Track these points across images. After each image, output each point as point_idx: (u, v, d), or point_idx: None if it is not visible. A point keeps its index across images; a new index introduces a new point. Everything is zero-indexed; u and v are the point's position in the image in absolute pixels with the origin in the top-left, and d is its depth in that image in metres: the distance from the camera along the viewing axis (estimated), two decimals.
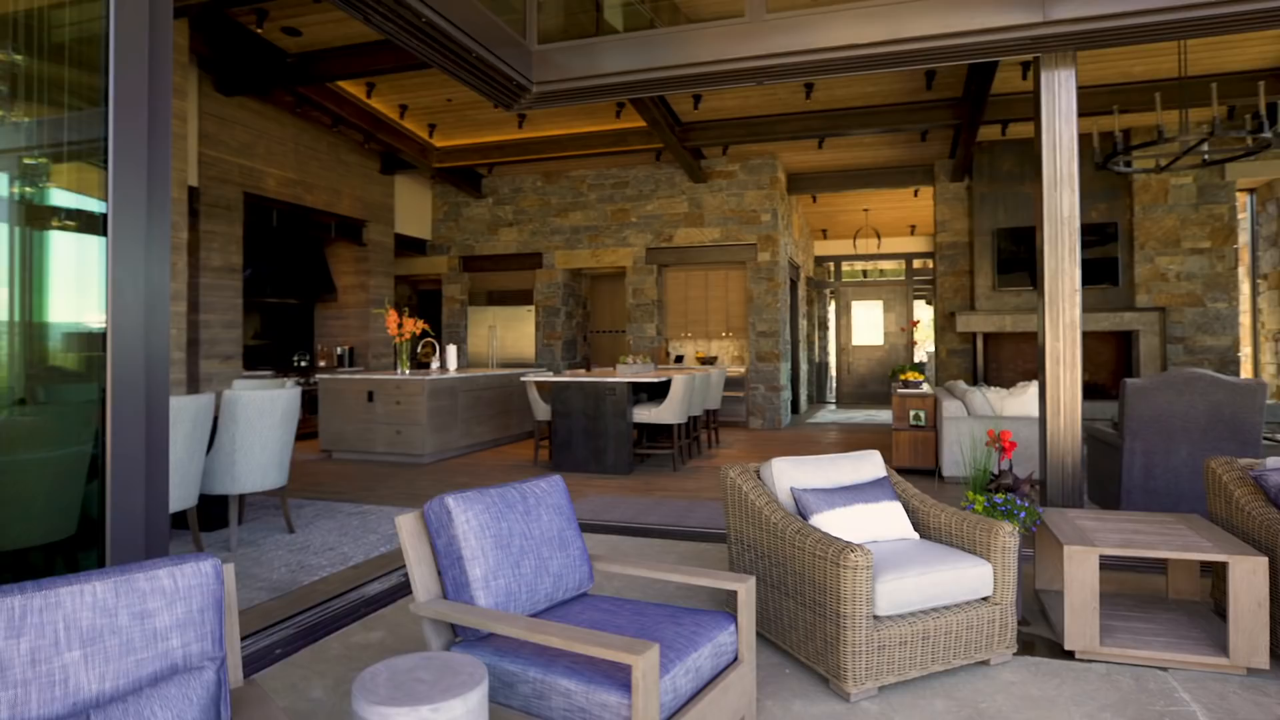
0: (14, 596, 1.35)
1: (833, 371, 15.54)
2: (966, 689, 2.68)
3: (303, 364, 10.70)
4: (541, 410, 7.70)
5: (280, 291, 9.89)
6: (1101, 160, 6.99)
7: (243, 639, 3.12)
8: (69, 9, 2.62)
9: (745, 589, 2.40)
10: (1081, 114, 7.99)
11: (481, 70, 4.56)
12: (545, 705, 2.00)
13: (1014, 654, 2.95)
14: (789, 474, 3.18)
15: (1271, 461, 3.16)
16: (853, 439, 9.54)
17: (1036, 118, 4.41)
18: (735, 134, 9.32)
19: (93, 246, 2.46)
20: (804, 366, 13.64)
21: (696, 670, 2.13)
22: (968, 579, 2.79)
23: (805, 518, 3.04)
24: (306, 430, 9.53)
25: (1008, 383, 10.10)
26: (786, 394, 11.19)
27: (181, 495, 4.04)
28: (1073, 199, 4.33)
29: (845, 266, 15.70)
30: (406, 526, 2.30)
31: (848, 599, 2.57)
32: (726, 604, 3.50)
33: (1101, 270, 9.44)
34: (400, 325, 8.21)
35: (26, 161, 2.70)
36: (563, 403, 7.41)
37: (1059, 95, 4.32)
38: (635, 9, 5.97)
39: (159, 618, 1.46)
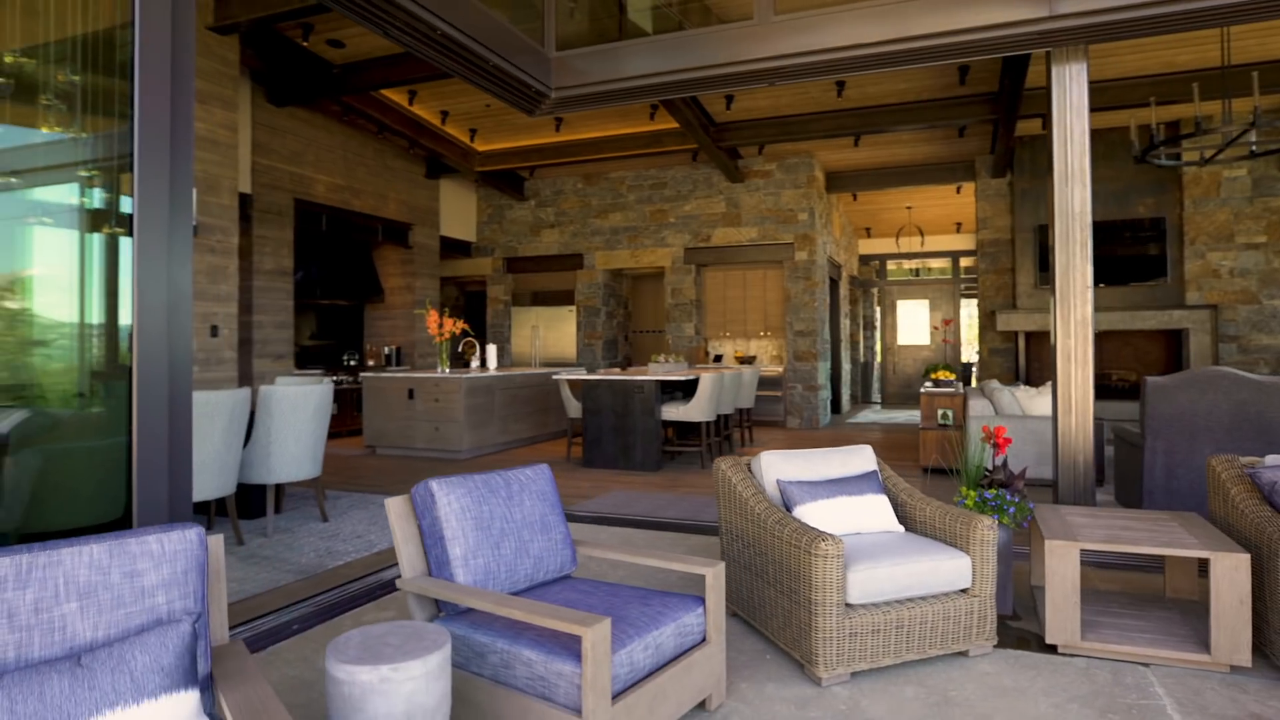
0: (22, 554, 1.57)
1: (877, 371, 15.36)
2: (940, 678, 2.74)
3: (352, 363, 11.16)
4: (573, 408, 7.89)
5: (329, 293, 10.34)
6: (1140, 153, 6.81)
7: (264, 615, 3.37)
8: (119, 31, 2.89)
9: (713, 574, 2.51)
10: (1121, 106, 7.81)
11: (500, 78, 4.76)
12: (511, 674, 2.16)
13: (995, 646, 2.98)
14: (777, 467, 3.27)
15: (1271, 459, 3.10)
16: (888, 438, 9.47)
17: (1048, 112, 4.37)
18: (768, 133, 9.36)
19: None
20: (846, 366, 13.54)
21: (657, 647, 2.26)
22: (945, 571, 2.84)
23: (789, 509, 3.13)
24: (352, 427, 9.96)
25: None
26: (825, 393, 11.15)
27: (220, 484, 4.34)
28: (1084, 194, 4.29)
29: (892, 265, 15.49)
30: (395, 508, 2.49)
31: (819, 586, 2.66)
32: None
33: (1149, 267, 9.14)
34: (440, 325, 8.52)
35: (81, 174, 3.01)
36: (593, 401, 7.58)
37: (1070, 89, 4.28)
38: (663, 11, 6.10)
39: (147, 577, 1.66)
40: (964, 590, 2.91)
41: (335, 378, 9.94)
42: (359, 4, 3.71)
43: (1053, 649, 2.96)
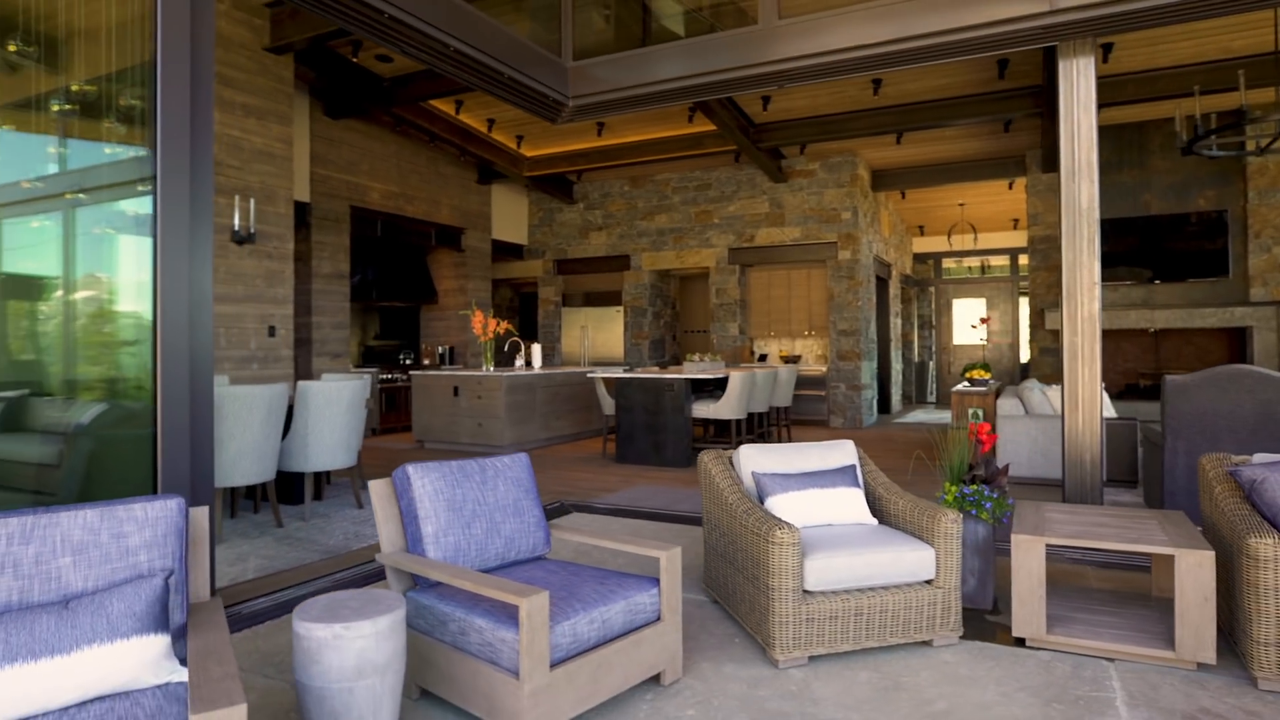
0: (28, 516, 1.86)
1: (932, 370, 15.05)
2: (897, 665, 2.81)
3: (407, 362, 11.67)
4: (608, 405, 8.11)
5: (384, 296, 10.86)
6: (1186, 145, 6.56)
7: (286, 588, 3.69)
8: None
9: (667, 557, 2.66)
10: (1175, 95, 7.52)
11: (516, 89, 5.01)
12: (466, 640, 2.36)
13: (961, 638, 3.02)
14: (754, 459, 3.39)
15: (1260, 457, 3.04)
16: (926, 438, 9.33)
17: (1054, 107, 4.33)
18: (807, 133, 9.36)
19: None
20: (898, 366, 13.34)
21: (604, 622, 2.43)
22: (907, 562, 2.91)
23: (762, 500, 3.24)
24: (405, 423, 10.43)
25: (1105, 384, 9.52)
26: (870, 393, 11.05)
27: (260, 470, 4.72)
28: (1091, 190, 4.23)
29: (950, 263, 15.14)
30: (377, 490, 2.74)
31: (775, 572, 2.78)
32: (704, 580, 3.73)
33: (1210, 262, 8.73)
34: (485, 325, 8.88)
35: (141, 189, 3.37)
36: (625, 398, 7.78)
37: (1077, 84, 4.23)
38: (695, 16, 6.23)
39: (131, 538, 1.94)
40: (928, 581, 2.97)
41: (388, 375, 10.43)
42: (376, 25, 4.00)
43: (1021, 642, 2.98)
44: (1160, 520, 3.13)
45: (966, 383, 7.32)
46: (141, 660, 1.75)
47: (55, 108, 3.32)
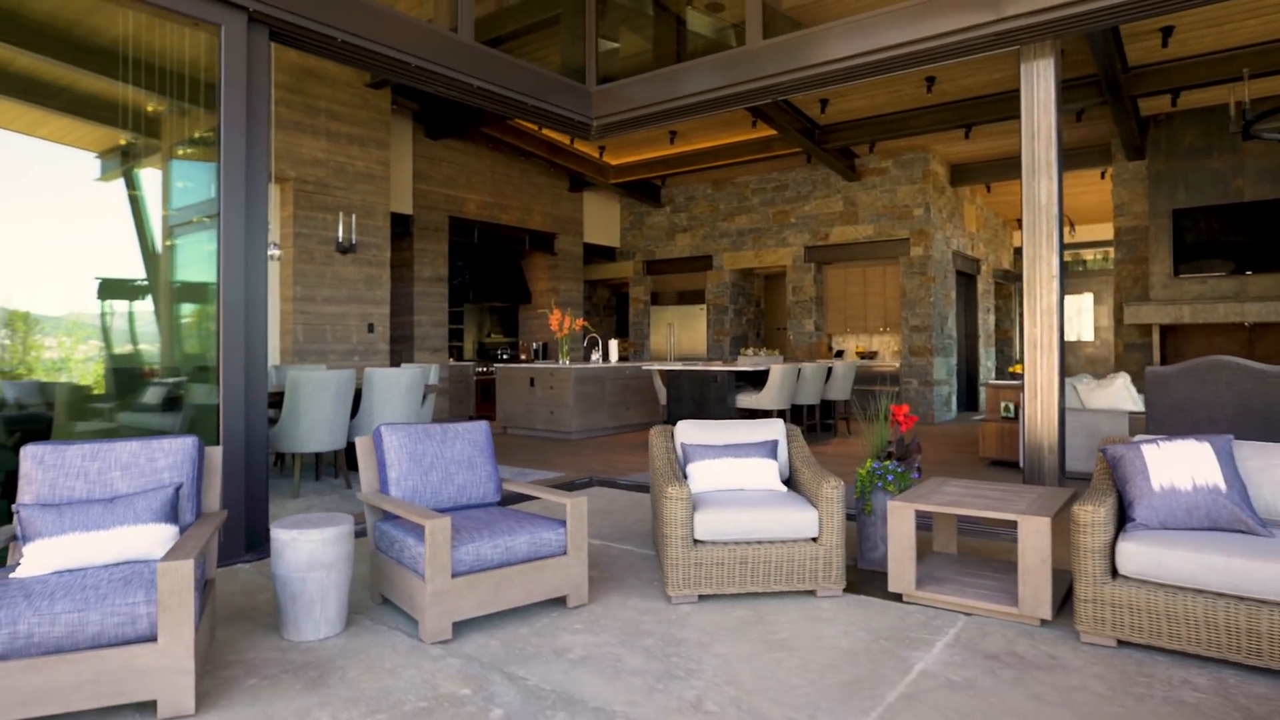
0: (97, 444, 2.79)
1: None
2: (773, 607, 3.29)
3: (505, 357, 12.81)
4: (663, 395, 8.73)
5: (480, 297, 12.03)
6: (1242, 130, 6.33)
7: None
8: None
9: (572, 504, 3.29)
10: (1220, 81, 7.19)
11: (542, 114, 5.76)
12: (403, 555, 3.11)
13: (845, 590, 3.44)
14: (686, 433, 3.93)
15: (1139, 437, 3.23)
16: (972, 430, 9.22)
17: (1020, 108, 4.52)
18: (870, 132, 9.54)
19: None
20: (989, 363, 13.01)
21: (508, 548, 3.10)
22: (790, 520, 3.37)
23: (684, 466, 3.79)
24: (488, 412, 11.52)
25: None
26: (946, 389, 10.96)
27: (331, 440, 5.75)
28: (1051, 187, 4.39)
29: (1067, 257, 14.48)
30: (362, 445, 3.55)
31: (669, 523, 3.33)
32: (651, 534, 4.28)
33: None
34: (561, 323, 9.75)
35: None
36: (676, 389, 8.37)
37: (1036, 86, 4.41)
38: (733, 30, 6.75)
39: (159, 461, 2.83)
40: (814, 539, 3.41)
41: (483, 369, 11.57)
42: (405, 73, 4.86)
43: (898, 598, 3.36)
44: (1040, 494, 3.39)
45: (1009, 377, 7.33)
46: (155, 540, 2.62)
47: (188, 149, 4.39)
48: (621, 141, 11.06)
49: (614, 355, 10.49)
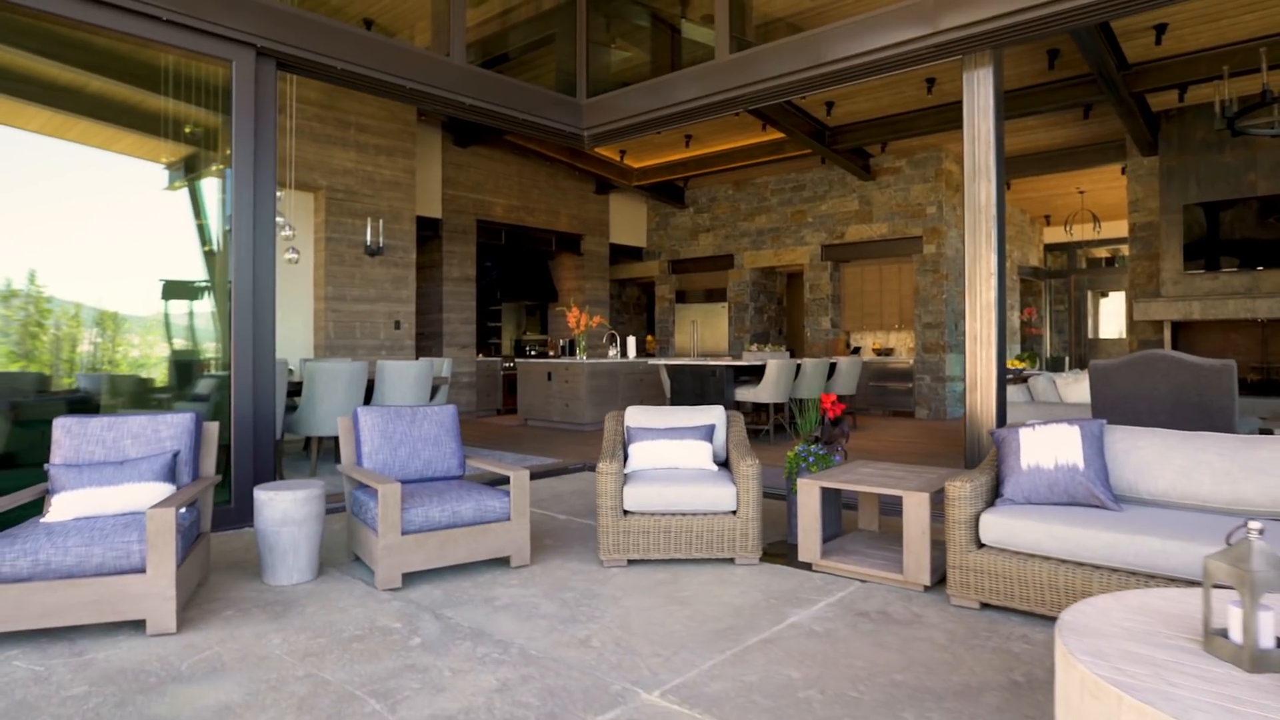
0: (111, 417, 3.38)
1: (1068, 365, 14.30)
2: (690, 571, 3.69)
3: (532, 353, 13.39)
4: (668, 388, 9.13)
5: (508, 296, 12.62)
6: (1227, 125, 6.40)
7: (333, 502, 5.19)
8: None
9: (515, 475, 3.76)
10: (1247, 72, 7.19)
11: (533, 127, 6.24)
12: (367, 515, 3.62)
13: (760, 560, 3.81)
14: (633, 416, 4.35)
15: (1027, 422, 3.51)
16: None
17: (963, 114, 4.78)
18: (878, 133, 9.75)
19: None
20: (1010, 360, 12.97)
21: (454, 512, 3.58)
22: (709, 495, 3.76)
23: (627, 446, 4.21)
24: (514, 405, 12.09)
25: None
26: (960, 385, 11.05)
27: None
28: (990, 189, 4.64)
29: (1100, 253, 14.28)
30: (343, 424, 4.08)
31: (601, 495, 3.76)
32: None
33: None
34: (578, 320, 10.25)
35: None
36: (679, 382, 8.77)
37: (977, 92, 4.66)
38: (736, 38, 7.14)
39: (163, 432, 3.40)
40: (733, 512, 3.79)
41: (509, 364, 12.16)
42: (401, 94, 5.40)
43: (808, 566, 3.71)
44: (939, 476, 3.69)
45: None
46: (154, 495, 3.18)
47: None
48: (640, 145, 11.48)
49: (631, 351, 10.93)
